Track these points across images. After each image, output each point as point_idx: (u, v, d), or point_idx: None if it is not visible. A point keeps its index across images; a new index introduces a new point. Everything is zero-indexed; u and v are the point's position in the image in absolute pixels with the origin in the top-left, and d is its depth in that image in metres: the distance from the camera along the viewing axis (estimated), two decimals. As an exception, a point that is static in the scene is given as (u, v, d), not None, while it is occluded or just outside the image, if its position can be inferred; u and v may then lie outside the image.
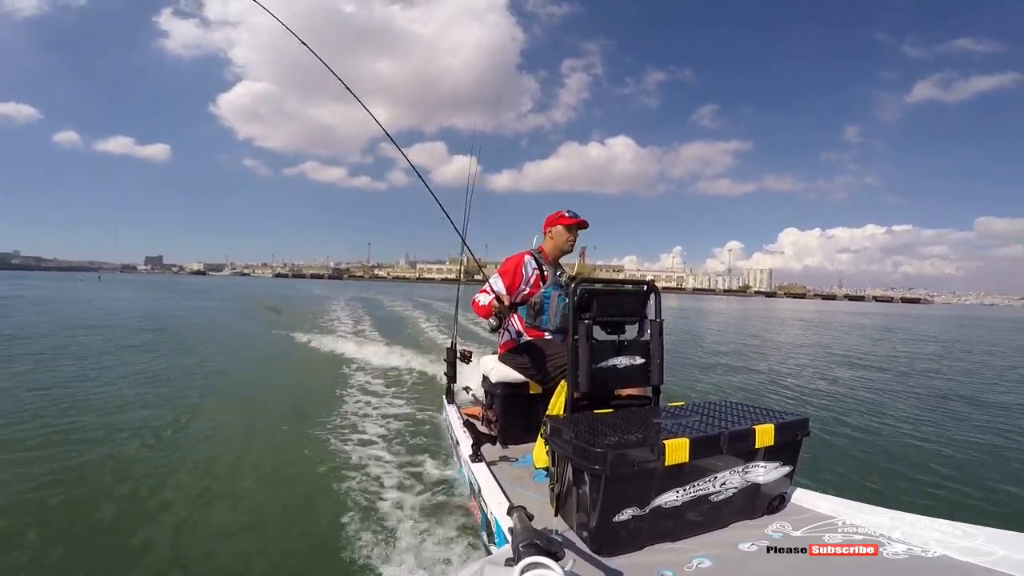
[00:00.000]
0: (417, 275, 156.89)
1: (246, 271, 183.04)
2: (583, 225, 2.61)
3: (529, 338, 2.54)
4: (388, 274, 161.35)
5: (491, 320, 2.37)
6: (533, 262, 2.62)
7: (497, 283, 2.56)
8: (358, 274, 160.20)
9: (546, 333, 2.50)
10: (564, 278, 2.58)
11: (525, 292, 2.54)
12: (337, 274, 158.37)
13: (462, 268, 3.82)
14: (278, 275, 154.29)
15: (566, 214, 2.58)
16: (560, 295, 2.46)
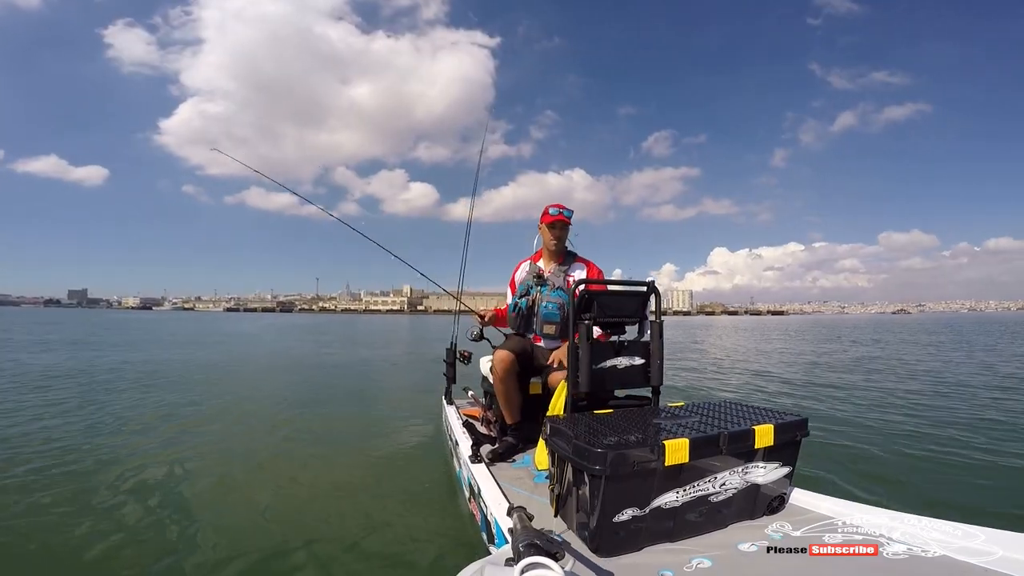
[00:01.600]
0: (364, 307, 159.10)
1: (187, 306, 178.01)
2: (561, 220, 2.49)
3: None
4: (335, 307, 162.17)
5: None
6: (527, 267, 2.62)
7: (508, 295, 2.65)
8: (305, 307, 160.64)
9: (541, 340, 2.49)
10: (561, 277, 2.49)
11: (528, 300, 2.51)
12: (286, 308, 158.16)
13: (462, 272, 3.82)
14: (229, 309, 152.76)
15: (550, 211, 2.49)
16: (521, 292, 2.48)
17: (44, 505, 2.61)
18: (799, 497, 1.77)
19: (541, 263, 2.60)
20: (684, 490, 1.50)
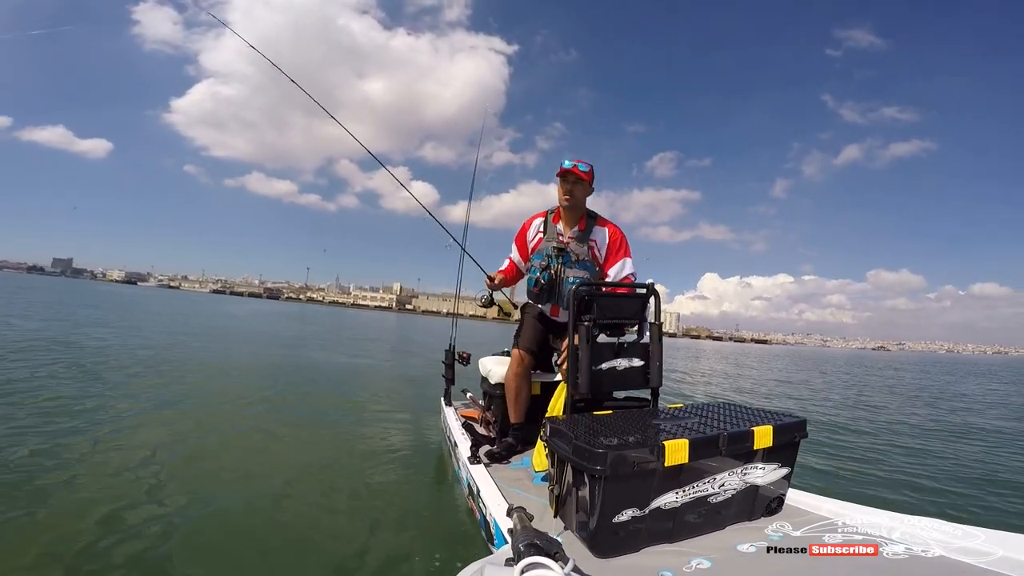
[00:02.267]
0: (352, 300, 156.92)
1: (173, 284, 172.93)
2: (573, 173, 2.22)
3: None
4: (323, 298, 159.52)
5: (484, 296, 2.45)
6: (540, 224, 2.40)
7: (512, 251, 2.50)
8: (293, 296, 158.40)
9: (561, 313, 2.32)
10: (585, 248, 2.28)
11: (550, 274, 2.30)
12: (273, 295, 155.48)
13: (461, 271, 3.81)
14: (215, 291, 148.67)
15: (564, 163, 2.24)
16: (542, 263, 2.29)
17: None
18: (798, 498, 1.77)
19: (560, 226, 2.36)
20: (683, 491, 1.50)
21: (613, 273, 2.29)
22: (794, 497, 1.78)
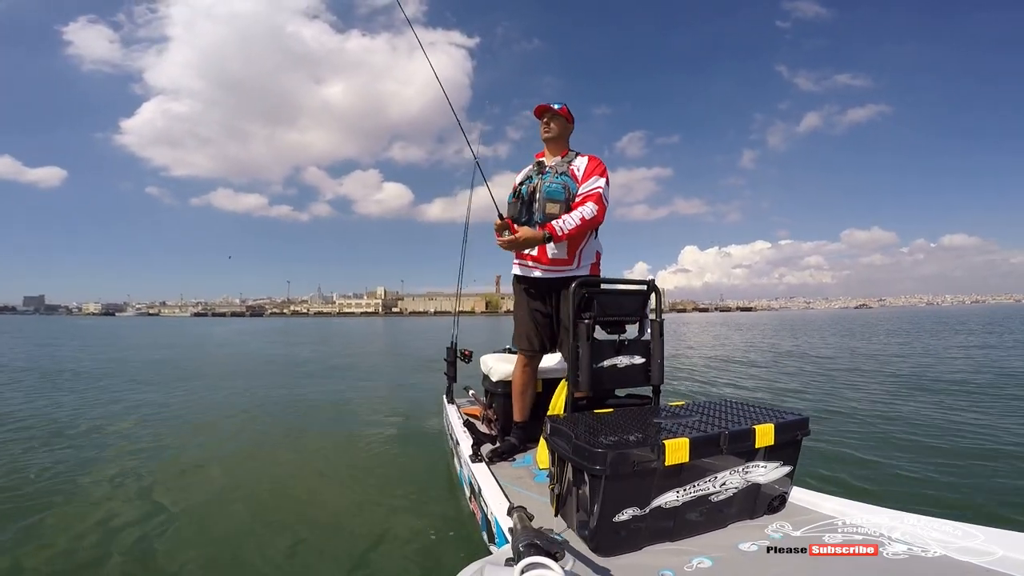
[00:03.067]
0: (337, 310, 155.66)
1: (152, 311, 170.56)
2: (547, 109, 2.34)
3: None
4: (308, 310, 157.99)
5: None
6: (524, 170, 2.45)
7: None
8: (276, 311, 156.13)
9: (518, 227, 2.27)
10: (565, 167, 2.29)
11: (529, 187, 2.32)
12: (256, 312, 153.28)
13: (461, 272, 3.81)
14: (197, 315, 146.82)
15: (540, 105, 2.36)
16: (552, 181, 2.25)
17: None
18: (799, 497, 1.77)
19: (544, 159, 2.43)
20: (684, 490, 1.50)
21: (584, 188, 2.24)
22: (794, 495, 1.77)
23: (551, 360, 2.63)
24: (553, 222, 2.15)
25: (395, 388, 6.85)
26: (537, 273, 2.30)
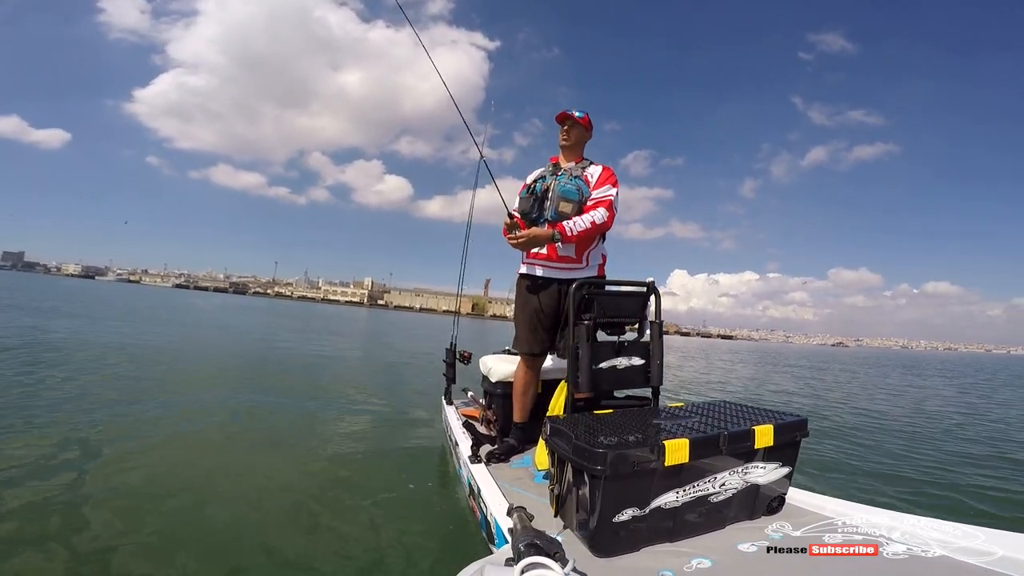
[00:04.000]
0: (322, 296, 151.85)
1: (133, 278, 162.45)
2: (571, 117, 2.38)
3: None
4: (292, 293, 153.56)
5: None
6: (539, 171, 2.49)
7: (517, 202, 2.47)
8: (260, 291, 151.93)
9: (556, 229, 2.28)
10: (579, 171, 2.34)
11: (543, 185, 2.36)
12: (239, 289, 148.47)
13: (462, 272, 3.82)
14: (178, 286, 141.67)
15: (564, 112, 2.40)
16: (567, 182, 2.29)
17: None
18: (799, 497, 1.77)
19: (559, 162, 2.47)
20: (684, 490, 1.50)
21: (596, 194, 2.30)
22: (794, 496, 1.78)
23: (550, 361, 2.64)
24: (564, 222, 2.19)
25: (392, 387, 6.84)
26: (544, 272, 2.33)
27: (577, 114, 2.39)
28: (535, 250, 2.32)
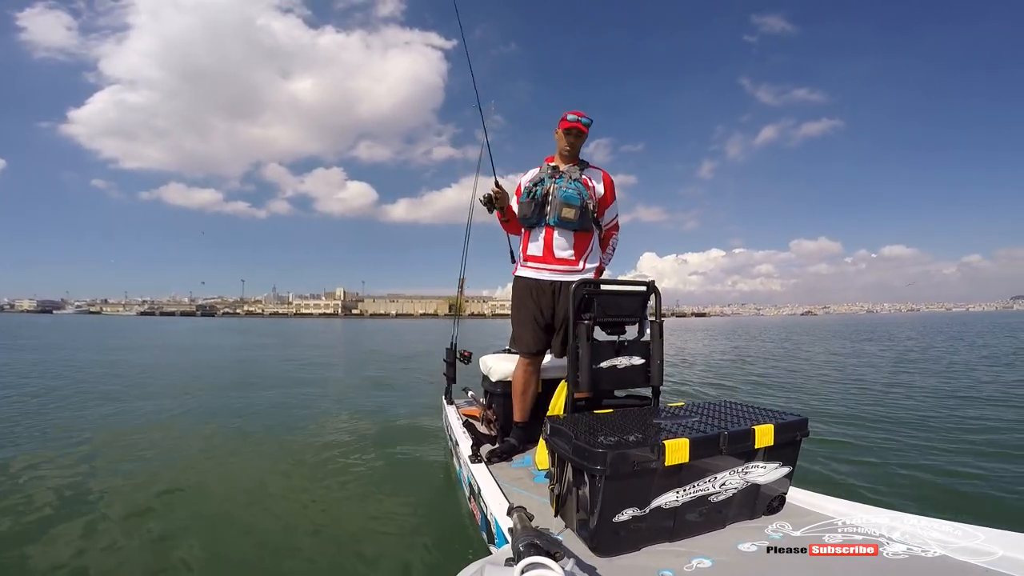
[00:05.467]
0: (294, 310, 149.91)
1: (94, 309, 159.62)
2: (578, 128, 2.36)
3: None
4: (263, 310, 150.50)
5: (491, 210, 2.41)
6: (534, 172, 2.48)
7: (512, 201, 2.51)
8: (229, 311, 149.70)
9: (555, 231, 2.33)
10: (578, 174, 2.35)
11: (543, 189, 2.36)
12: (207, 312, 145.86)
13: (462, 273, 3.81)
14: (143, 314, 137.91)
15: (568, 118, 2.38)
16: (536, 181, 2.33)
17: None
18: (799, 497, 1.77)
19: (557, 164, 2.46)
20: (684, 490, 1.50)
21: (608, 217, 2.41)
22: (794, 496, 1.77)
23: (550, 360, 2.63)
24: (602, 261, 2.43)
25: (389, 386, 6.85)
26: (540, 274, 2.35)
27: (584, 122, 2.37)
28: (532, 252, 2.36)
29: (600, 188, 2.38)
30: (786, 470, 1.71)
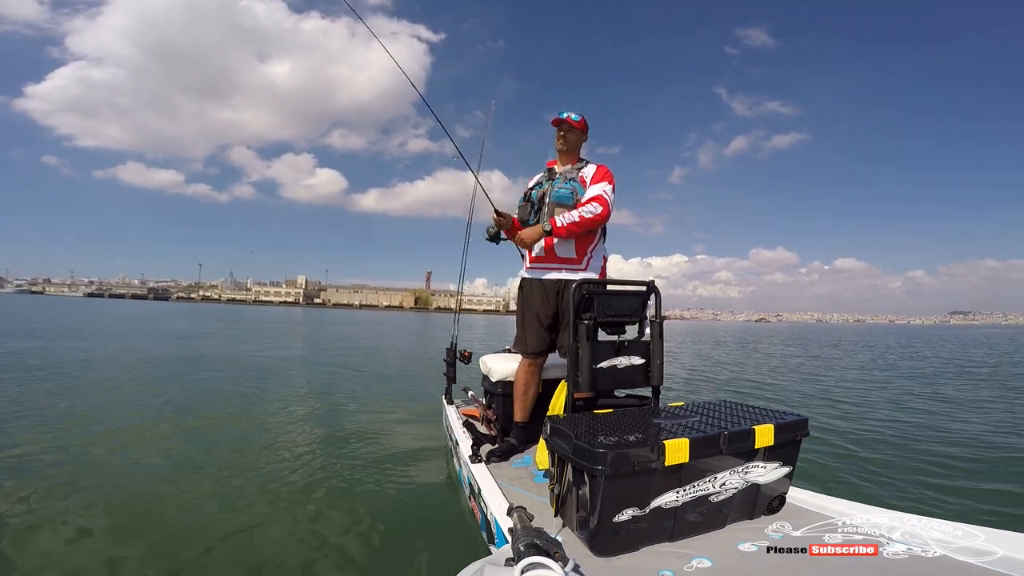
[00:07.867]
0: (253, 297, 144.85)
1: (36, 288, 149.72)
2: (567, 122, 2.38)
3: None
4: (220, 296, 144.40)
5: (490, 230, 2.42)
6: (537, 176, 2.51)
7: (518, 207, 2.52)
8: (183, 296, 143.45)
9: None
10: (575, 174, 2.37)
11: (539, 192, 2.40)
12: (160, 295, 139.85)
13: (462, 272, 3.81)
14: (90, 295, 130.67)
15: (560, 115, 2.40)
16: (561, 187, 2.32)
17: None
18: (799, 497, 1.77)
19: (555, 166, 2.49)
20: (684, 490, 1.50)
21: (589, 192, 2.34)
22: (794, 495, 1.78)
23: (550, 360, 2.63)
24: (555, 215, 2.27)
25: (387, 386, 6.84)
26: (544, 274, 2.36)
27: (574, 117, 2.39)
28: (535, 252, 2.37)
29: (590, 179, 2.37)
30: (786, 470, 1.71)
